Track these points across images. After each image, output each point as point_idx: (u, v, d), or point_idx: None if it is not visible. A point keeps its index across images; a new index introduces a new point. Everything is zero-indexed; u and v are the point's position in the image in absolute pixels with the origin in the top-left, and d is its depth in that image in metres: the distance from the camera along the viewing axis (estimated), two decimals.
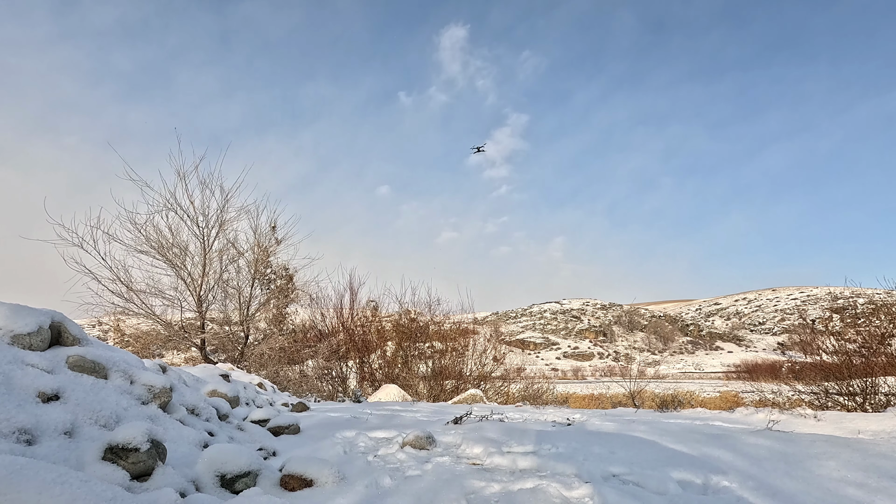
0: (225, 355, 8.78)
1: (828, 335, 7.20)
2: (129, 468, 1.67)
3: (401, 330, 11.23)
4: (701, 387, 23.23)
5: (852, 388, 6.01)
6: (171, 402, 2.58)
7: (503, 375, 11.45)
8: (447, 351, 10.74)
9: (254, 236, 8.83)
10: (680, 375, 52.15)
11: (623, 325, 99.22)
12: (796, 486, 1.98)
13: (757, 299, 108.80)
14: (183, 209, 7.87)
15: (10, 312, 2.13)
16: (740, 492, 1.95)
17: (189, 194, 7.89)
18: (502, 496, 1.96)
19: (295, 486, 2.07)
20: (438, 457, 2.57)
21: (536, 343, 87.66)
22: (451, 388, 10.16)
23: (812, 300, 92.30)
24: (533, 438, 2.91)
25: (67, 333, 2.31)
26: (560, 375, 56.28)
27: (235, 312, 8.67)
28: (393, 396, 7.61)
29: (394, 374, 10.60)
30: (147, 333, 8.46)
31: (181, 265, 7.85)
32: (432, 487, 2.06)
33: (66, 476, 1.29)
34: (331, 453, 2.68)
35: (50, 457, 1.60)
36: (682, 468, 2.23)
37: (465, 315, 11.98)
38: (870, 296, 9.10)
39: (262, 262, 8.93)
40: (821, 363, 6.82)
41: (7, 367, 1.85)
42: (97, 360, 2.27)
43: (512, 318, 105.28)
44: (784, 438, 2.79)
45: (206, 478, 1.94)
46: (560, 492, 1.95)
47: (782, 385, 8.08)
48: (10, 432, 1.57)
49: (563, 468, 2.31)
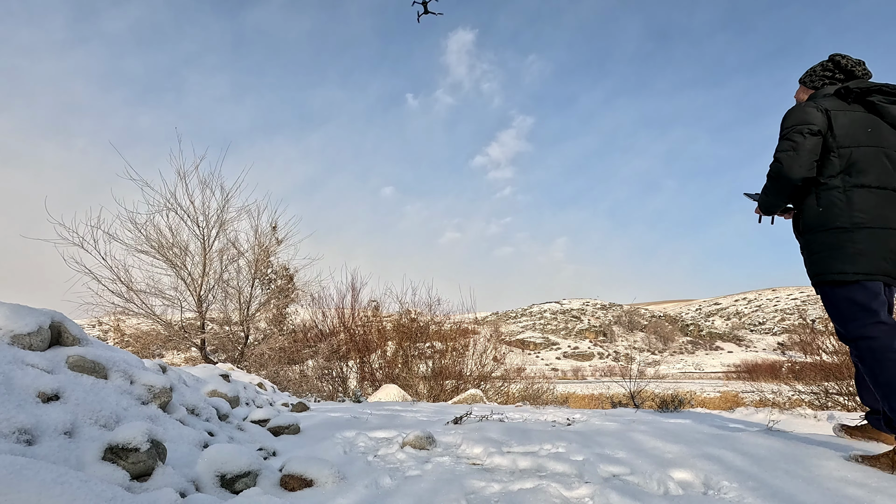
0: (225, 355, 8.77)
1: (828, 335, 7.19)
2: (129, 468, 1.67)
3: (401, 330, 11.23)
4: (701, 387, 23.23)
5: (852, 388, 6.01)
6: (171, 402, 2.58)
7: (503, 375, 11.44)
8: (447, 351, 10.74)
9: (254, 236, 8.84)
10: (680, 375, 52.13)
11: (623, 325, 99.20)
12: (797, 486, 1.98)
13: (757, 299, 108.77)
14: (183, 209, 7.88)
15: (10, 312, 2.13)
16: (741, 491, 1.95)
17: (189, 194, 7.89)
18: (502, 496, 1.96)
19: (295, 486, 2.07)
20: (438, 457, 2.57)
21: (536, 343, 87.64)
22: (452, 388, 10.15)
23: (812, 300, 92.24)
24: (533, 438, 2.91)
25: (67, 333, 2.31)
26: (560, 375, 56.27)
27: (235, 312, 8.67)
28: (393, 396, 7.61)
29: (394, 374, 10.60)
30: (147, 333, 8.46)
31: (181, 265, 7.85)
32: (432, 487, 2.06)
33: (66, 476, 1.29)
34: (331, 453, 2.68)
35: (50, 457, 1.60)
36: (682, 468, 2.23)
37: (465, 315, 11.98)
38: None
39: (263, 262, 8.93)
40: (821, 363, 6.82)
41: (7, 367, 1.85)
42: (97, 360, 2.27)
43: (512, 318, 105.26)
44: (784, 438, 2.79)
45: (206, 478, 1.94)
46: (560, 492, 1.95)
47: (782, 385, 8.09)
48: (10, 432, 1.57)
49: (564, 468, 2.31)
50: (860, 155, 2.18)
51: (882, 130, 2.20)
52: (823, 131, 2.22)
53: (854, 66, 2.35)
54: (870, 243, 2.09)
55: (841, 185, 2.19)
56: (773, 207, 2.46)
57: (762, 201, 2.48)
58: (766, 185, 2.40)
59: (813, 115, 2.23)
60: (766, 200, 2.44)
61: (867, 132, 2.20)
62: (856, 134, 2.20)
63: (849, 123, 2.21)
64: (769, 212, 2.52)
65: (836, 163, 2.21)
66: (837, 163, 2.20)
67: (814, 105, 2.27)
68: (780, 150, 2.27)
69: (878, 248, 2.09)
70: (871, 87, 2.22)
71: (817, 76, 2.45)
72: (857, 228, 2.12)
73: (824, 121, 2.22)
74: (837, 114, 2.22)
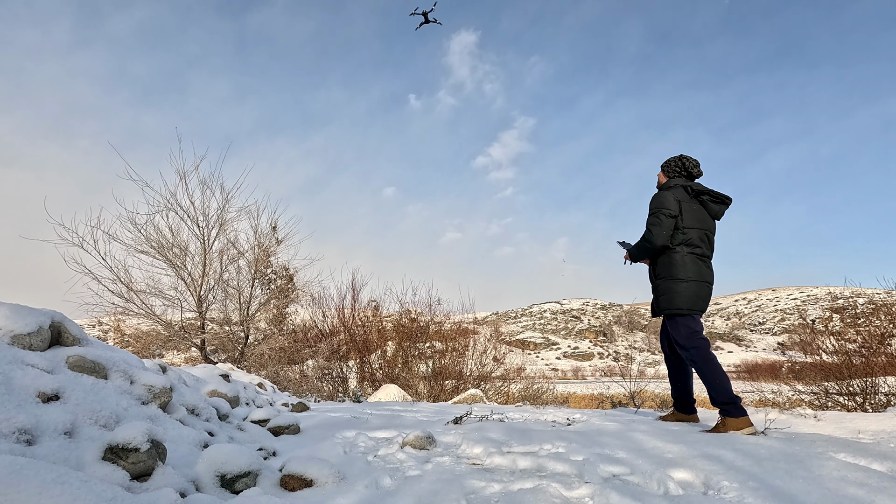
0: (225, 355, 8.77)
1: (828, 335, 7.19)
2: (129, 468, 1.67)
3: (401, 330, 11.22)
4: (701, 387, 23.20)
5: (852, 388, 6.01)
6: (171, 402, 2.57)
7: (503, 375, 11.44)
8: (447, 351, 10.74)
9: (254, 236, 8.82)
10: None
11: (623, 325, 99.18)
12: (797, 486, 1.98)
13: (757, 299, 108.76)
14: (183, 209, 7.87)
15: (10, 312, 2.13)
16: (741, 491, 1.95)
17: (190, 194, 7.89)
18: (502, 496, 1.96)
19: (295, 486, 2.07)
20: (438, 457, 2.57)
21: (536, 343, 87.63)
22: (452, 388, 10.15)
23: (812, 300, 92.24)
24: (533, 438, 2.91)
25: (67, 333, 2.31)
26: (560, 375, 56.24)
27: (235, 312, 8.66)
28: (393, 396, 7.61)
29: (394, 374, 10.60)
30: (147, 333, 8.46)
31: (181, 265, 7.85)
32: (432, 487, 2.06)
33: (66, 476, 1.29)
34: (331, 453, 2.68)
35: (50, 457, 1.60)
36: (682, 468, 2.23)
37: (465, 315, 11.98)
38: (870, 296, 9.09)
39: (263, 262, 8.92)
40: (821, 363, 6.81)
41: (7, 367, 1.85)
42: (97, 360, 2.26)
43: (512, 318, 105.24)
44: (784, 438, 2.79)
45: (206, 478, 1.94)
46: (560, 492, 1.95)
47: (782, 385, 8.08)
48: (10, 432, 1.57)
49: (564, 468, 2.31)
50: (694, 234, 3.27)
51: (706, 219, 3.34)
52: (675, 215, 3.26)
53: (693, 168, 3.42)
54: (693, 291, 3.23)
55: (682, 251, 3.27)
56: (639, 259, 3.53)
57: (633, 254, 3.52)
58: (639, 244, 3.41)
59: (671, 203, 3.27)
60: (636, 254, 3.50)
61: (699, 219, 3.31)
62: (693, 219, 3.28)
63: (690, 212, 3.29)
64: (636, 260, 3.57)
65: (680, 237, 3.28)
66: (681, 237, 3.28)
67: (672, 195, 3.30)
68: (650, 224, 3.30)
69: (697, 294, 3.23)
70: (702, 191, 3.35)
71: (671, 169, 3.48)
72: (688, 280, 3.23)
73: (678, 207, 3.27)
74: (684, 204, 3.29)
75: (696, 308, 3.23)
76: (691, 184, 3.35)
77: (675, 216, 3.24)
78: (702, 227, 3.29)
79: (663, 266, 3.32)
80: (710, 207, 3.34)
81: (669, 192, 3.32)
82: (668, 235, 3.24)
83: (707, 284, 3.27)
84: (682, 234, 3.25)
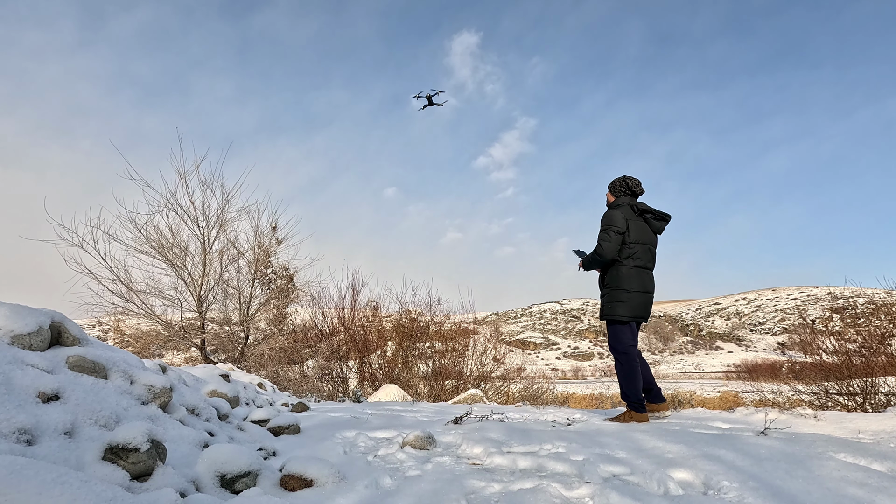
0: (225, 355, 8.77)
1: (828, 335, 7.19)
2: (129, 468, 1.67)
3: (401, 330, 11.22)
4: (701, 387, 23.21)
5: (852, 388, 6.01)
6: (171, 402, 2.57)
7: (503, 375, 11.43)
8: (447, 351, 10.73)
9: (254, 236, 8.82)
10: (680, 375, 52.10)
11: None
12: (797, 486, 1.98)
13: (757, 299, 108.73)
14: (183, 209, 7.87)
15: (10, 312, 2.13)
16: (741, 491, 1.95)
17: (190, 194, 7.89)
18: (502, 496, 1.96)
19: (295, 486, 2.07)
20: (439, 457, 2.57)
21: (536, 343, 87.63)
22: (452, 388, 10.15)
23: (812, 300, 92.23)
24: (533, 438, 2.91)
25: (67, 333, 2.31)
26: (560, 375, 56.24)
27: (235, 312, 8.66)
28: (393, 396, 7.61)
29: (394, 374, 10.59)
30: (147, 333, 8.46)
31: (181, 265, 7.85)
32: (432, 487, 2.06)
33: (66, 476, 1.29)
34: (331, 453, 2.68)
35: (50, 457, 1.60)
36: (682, 468, 2.22)
37: (465, 315, 11.98)
38: (870, 296, 9.09)
39: (263, 262, 8.92)
40: (821, 363, 6.81)
41: (7, 367, 1.85)
42: (97, 360, 2.26)
43: (512, 318, 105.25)
44: (784, 438, 2.79)
45: (207, 478, 1.94)
46: (560, 492, 1.95)
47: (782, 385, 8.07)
48: (10, 432, 1.57)
49: (564, 468, 2.31)
50: (638, 248, 3.64)
51: (649, 234, 3.72)
52: (623, 231, 3.60)
53: (635, 187, 3.78)
54: (637, 302, 3.62)
55: (627, 264, 3.64)
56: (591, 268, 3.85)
57: (587, 264, 3.85)
58: (591, 256, 3.75)
59: (619, 221, 3.61)
60: (590, 265, 3.83)
61: (643, 234, 3.67)
62: (638, 235, 3.65)
63: (635, 228, 3.65)
64: (588, 269, 3.87)
65: (626, 251, 3.64)
66: (628, 251, 3.63)
67: (621, 213, 3.65)
68: (601, 239, 3.65)
69: (638, 303, 3.62)
70: (646, 209, 3.72)
71: (617, 189, 3.83)
72: (631, 291, 3.61)
73: (625, 224, 3.62)
74: (630, 222, 3.65)
75: (637, 315, 3.63)
76: (636, 203, 3.74)
77: (623, 233, 3.60)
78: (645, 242, 3.68)
79: (611, 277, 3.70)
80: (652, 224, 3.73)
81: (618, 210, 3.70)
82: (616, 249, 3.61)
83: (649, 294, 3.70)
84: (629, 248, 3.63)
